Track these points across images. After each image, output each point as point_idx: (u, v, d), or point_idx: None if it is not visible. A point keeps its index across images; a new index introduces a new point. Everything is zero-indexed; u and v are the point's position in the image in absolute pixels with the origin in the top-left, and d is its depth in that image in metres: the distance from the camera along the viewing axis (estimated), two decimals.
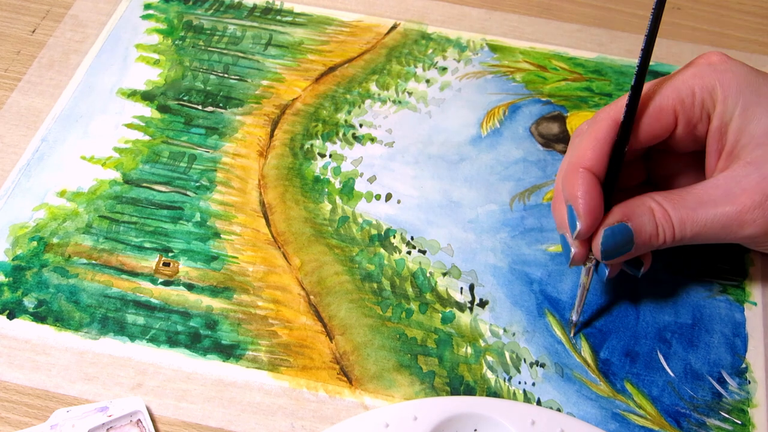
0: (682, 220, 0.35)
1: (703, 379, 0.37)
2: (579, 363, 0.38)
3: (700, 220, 0.35)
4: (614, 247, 0.35)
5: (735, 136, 0.35)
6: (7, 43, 0.50)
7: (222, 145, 0.45)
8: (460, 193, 0.44)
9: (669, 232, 0.35)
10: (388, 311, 0.39)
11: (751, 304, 0.39)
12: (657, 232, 0.35)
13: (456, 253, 0.41)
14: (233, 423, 0.36)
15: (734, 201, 0.34)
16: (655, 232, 0.35)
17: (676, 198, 0.35)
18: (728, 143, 0.36)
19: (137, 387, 0.37)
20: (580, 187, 0.35)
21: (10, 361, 0.37)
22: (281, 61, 0.49)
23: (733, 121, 0.35)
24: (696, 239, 0.35)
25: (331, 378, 0.37)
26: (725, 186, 0.35)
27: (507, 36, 0.51)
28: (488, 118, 0.47)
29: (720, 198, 0.34)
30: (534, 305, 0.39)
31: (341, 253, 0.41)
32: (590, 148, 0.35)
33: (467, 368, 0.37)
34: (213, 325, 0.38)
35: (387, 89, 0.48)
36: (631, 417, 0.36)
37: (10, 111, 0.47)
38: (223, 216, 0.42)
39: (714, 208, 0.34)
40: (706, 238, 0.35)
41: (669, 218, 0.35)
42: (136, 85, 0.48)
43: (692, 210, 0.35)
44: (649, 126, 0.36)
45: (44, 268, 0.40)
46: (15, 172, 0.44)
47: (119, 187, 0.43)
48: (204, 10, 0.52)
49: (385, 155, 0.45)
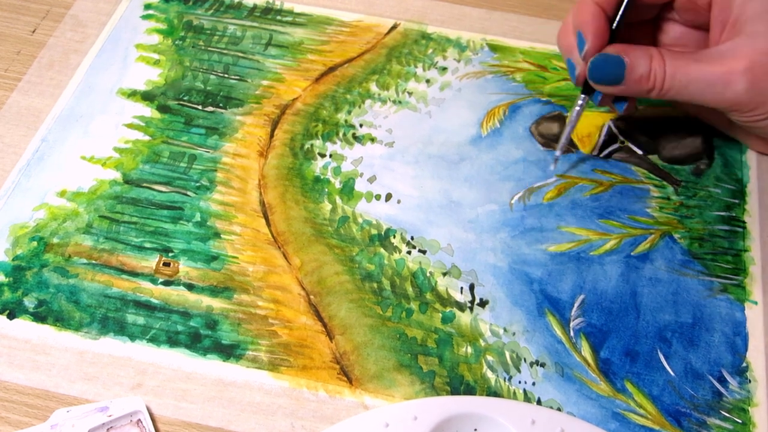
0: (674, 71, 0.38)
1: (703, 378, 0.37)
2: (579, 362, 0.38)
3: (689, 73, 0.38)
4: (603, 72, 0.39)
5: (738, 10, 0.38)
6: (7, 43, 0.50)
7: (222, 145, 0.45)
8: (460, 193, 0.43)
9: (660, 78, 0.38)
10: (388, 311, 0.39)
11: (751, 303, 0.39)
12: (649, 76, 0.38)
13: (456, 253, 0.41)
14: (233, 423, 0.36)
15: (724, 63, 0.37)
16: (647, 75, 0.38)
17: (676, 54, 0.39)
18: (732, 16, 0.39)
19: (137, 387, 0.37)
20: (590, 14, 0.39)
21: (10, 361, 0.37)
22: (281, 61, 0.49)
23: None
24: (683, 92, 0.38)
25: (331, 378, 0.37)
26: (722, 52, 0.38)
27: (507, 36, 0.51)
28: (488, 118, 0.47)
29: (713, 60, 0.38)
30: (534, 305, 0.39)
31: (341, 253, 0.41)
32: None
33: (467, 368, 0.37)
34: (213, 325, 0.38)
35: (387, 89, 0.48)
36: (631, 416, 0.36)
37: (10, 111, 0.47)
38: (223, 216, 0.42)
39: (705, 65, 0.38)
40: (693, 94, 0.38)
41: (663, 67, 0.38)
42: (136, 85, 0.48)
43: (686, 65, 0.38)
44: None
45: (44, 268, 0.40)
46: (15, 172, 0.44)
47: (119, 187, 0.43)
48: (204, 10, 0.52)
49: (385, 155, 0.45)
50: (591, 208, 0.43)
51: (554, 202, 0.43)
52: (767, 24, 0.37)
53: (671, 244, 0.41)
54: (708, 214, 0.43)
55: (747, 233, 0.42)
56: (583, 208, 0.43)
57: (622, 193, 0.43)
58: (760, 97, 0.38)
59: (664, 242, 0.41)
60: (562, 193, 0.43)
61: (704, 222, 0.42)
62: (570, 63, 0.41)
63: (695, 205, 0.43)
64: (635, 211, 0.43)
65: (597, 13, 0.39)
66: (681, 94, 0.39)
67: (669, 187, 0.44)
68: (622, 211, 0.43)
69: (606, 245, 0.41)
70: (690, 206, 0.43)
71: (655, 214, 0.43)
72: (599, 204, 0.43)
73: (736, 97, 0.38)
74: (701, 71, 0.38)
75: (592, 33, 0.39)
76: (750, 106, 0.38)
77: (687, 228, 0.42)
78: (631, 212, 0.43)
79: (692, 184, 0.44)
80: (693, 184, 0.44)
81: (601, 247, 0.41)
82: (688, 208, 0.43)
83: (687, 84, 0.38)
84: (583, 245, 0.41)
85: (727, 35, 0.39)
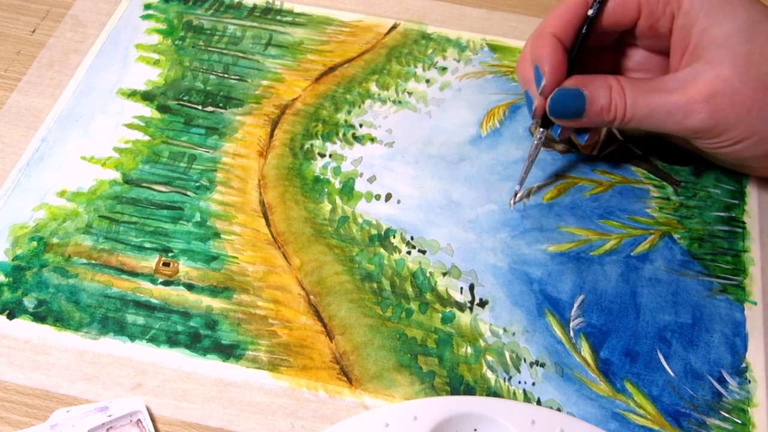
0: (634, 101, 0.38)
1: (703, 378, 0.37)
2: (579, 363, 0.38)
3: (650, 103, 0.38)
4: (563, 107, 0.38)
5: (698, 36, 0.38)
6: (7, 43, 0.50)
7: (222, 145, 0.45)
8: (460, 193, 0.44)
9: (621, 109, 0.38)
10: (388, 311, 0.39)
11: (751, 304, 0.39)
12: (610, 107, 0.38)
13: (456, 253, 0.41)
14: (233, 423, 0.36)
15: (684, 92, 0.37)
16: (608, 106, 0.38)
17: (636, 82, 0.38)
18: (692, 43, 0.38)
19: (137, 387, 0.37)
20: (547, 47, 0.38)
21: (10, 361, 0.37)
22: (281, 61, 0.49)
23: (698, 22, 0.38)
24: (645, 122, 0.38)
25: (331, 378, 0.37)
26: (681, 80, 0.38)
27: (507, 36, 0.51)
28: (488, 118, 0.47)
29: (674, 89, 0.37)
30: (534, 305, 0.39)
31: (341, 253, 0.41)
32: (559, 17, 0.39)
33: (467, 368, 0.37)
34: (213, 325, 0.38)
35: (387, 89, 0.48)
36: (631, 417, 0.36)
37: (10, 111, 0.47)
38: (223, 216, 0.42)
39: (666, 95, 0.37)
40: (654, 123, 0.38)
41: (623, 97, 0.38)
42: (136, 85, 0.48)
43: (646, 93, 0.38)
44: (613, 11, 0.39)
45: (44, 268, 0.40)
46: (15, 172, 0.44)
47: (119, 187, 0.43)
48: (204, 10, 0.52)
49: (385, 155, 0.45)
50: (591, 208, 0.43)
51: (554, 202, 0.43)
52: (727, 51, 0.37)
53: (671, 245, 0.41)
54: (708, 214, 0.43)
55: (747, 234, 0.42)
56: (583, 208, 0.43)
57: (622, 194, 0.43)
58: (722, 126, 0.37)
59: (663, 242, 0.41)
60: (562, 193, 0.43)
61: (704, 222, 0.42)
62: (528, 96, 0.40)
63: (695, 206, 0.43)
64: (635, 211, 0.43)
65: (554, 45, 0.39)
66: (643, 123, 0.38)
67: (669, 187, 0.44)
68: (621, 212, 0.43)
69: (606, 245, 0.41)
70: (690, 206, 0.43)
71: (655, 215, 0.43)
72: (599, 204, 0.43)
73: (698, 125, 0.37)
74: (661, 100, 0.37)
75: (549, 67, 0.38)
76: (713, 134, 0.38)
77: (687, 228, 0.42)
78: (630, 212, 0.43)
79: (692, 185, 0.44)
80: (693, 184, 0.44)
81: (600, 247, 0.41)
82: (687, 208, 0.43)
83: (648, 113, 0.38)
84: (583, 245, 0.41)
85: (687, 61, 0.38)
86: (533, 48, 0.39)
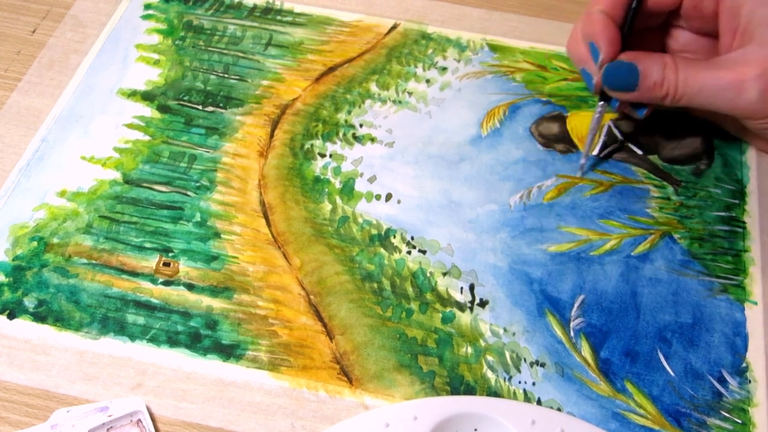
0: (686, 78, 0.38)
1: (703, 378, 0.37)
2: (579, 362, 0.38)
3: (701, 80, 0.38)
4: (617, 79, 0.39)
5: (747, 17, 0.39)
6: (7, 43, 0.50)
7: (222, 145, 0.45)
8: (460, 193, 0.44)
9: (672, 85, 0.39)
10: (388, 311, 0.39)
11: (751, 304, 0.39)
12: (663, 83, 0.39)
13: (456, 253, 0.41)
14: (233, 423, 0.36)
15: (736, 70, 0.38)
16: (661, 82, 0.39)
17: (689, 62, 0.39)
18: (741, 24, 0.39)
19: (137, 387, 0.37)
20: (599, 24, 0.40)
21: (10, 361, 0.37)
22: (281, 61, 0.49)
23: (746, 3, 0.39)
24: (695, 99, 0.39)
25: (331, 378, 0.37)
26: (733, 59, 0.38)
27: (507, 36, 0.51)
28: (488, 118, 0.47)
29: (725, 67, 0.38)
30: (534, 305, 0.39)
31: (341, 253, 0.41)
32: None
33: (467, 368, 0.37)
34: (213, 325, 0.38)
35: (387, 89, 0.48)
36: (631, 416, 0.36)
37: (10, 111, 0.47)
38: (223, 216, 0.42)
39: (717, 72, 0.38)
40: (706, 101, 0.39)
41: (676, 74, 0.39)
42: (136, 85, 0.48)
43: (698, 71, 0.38)
44: None
45: (44, 268, 0.40)
46: (15, 172, 0.44)
47: (119, 187, 0.43)
48: (204, 10, 0.52)
49: (385, 155, 0.45)
50: (591, 208, 0.43)
51: (554, 202, 0.43)
52: None
53: (671, 245, 0.41)
54: (708, 214, 0.43)
55: (747, 234, 0.42)
56: (583, 208, 0.43)
57: (622, 193, 0.43)
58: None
59: (664, 242, 0.41)
60: (562, 193, 0.43)
61: (704, 222, 0.42)
62: (585, 72, 0.42)
63: (695, 206, 0.43)
64: (635, 211, 0.43)
65: (605, 21, 0.40)
66: (693, 101, 0.39)
67: (669, 187, 0.44)
68: (622, 211, 0.43)
69: (606, 245, 0.41)
70: (690, 206, 0.43)
71: (655, 215, 0.43)
72: (599, 204, 0.43)
73: (749, 104, 0.38)
74: (713, 78, 0.38)
75: (606, 42, 0.39)
76: (763, 113, 0.38)
77: (687, 228, 0.42)
78: (631, 212, 0.43)
79: (692, 185, 0.44)
80: (693, 184, 0.44)
81: (601, 247, 0.41)
82: (688, 208, 0.43)
83: (699, 91, 0.38)
84: (583, 245, 0.41)
85: (738, 42, 0.39)
86: (584, 27, 0.40)
